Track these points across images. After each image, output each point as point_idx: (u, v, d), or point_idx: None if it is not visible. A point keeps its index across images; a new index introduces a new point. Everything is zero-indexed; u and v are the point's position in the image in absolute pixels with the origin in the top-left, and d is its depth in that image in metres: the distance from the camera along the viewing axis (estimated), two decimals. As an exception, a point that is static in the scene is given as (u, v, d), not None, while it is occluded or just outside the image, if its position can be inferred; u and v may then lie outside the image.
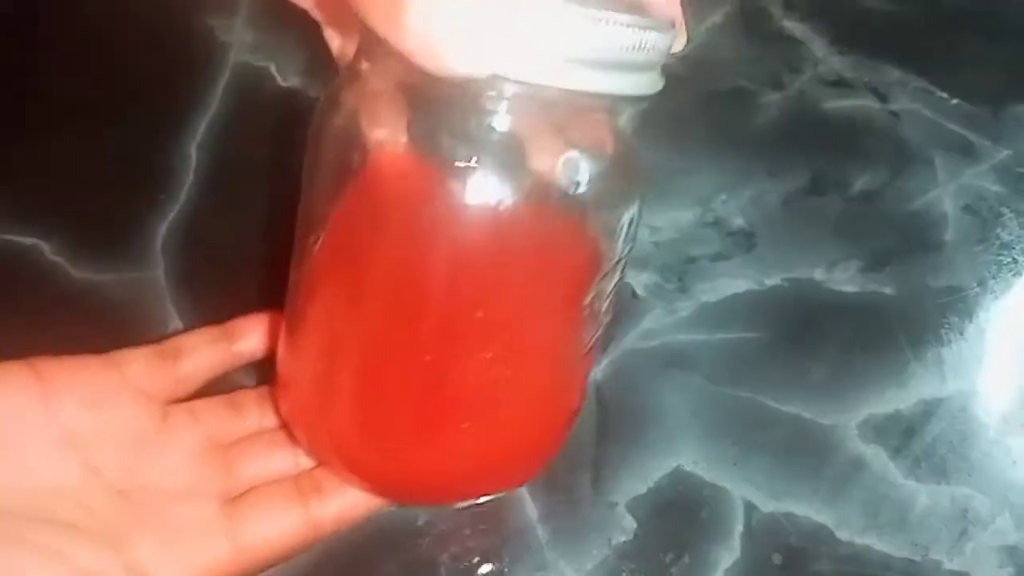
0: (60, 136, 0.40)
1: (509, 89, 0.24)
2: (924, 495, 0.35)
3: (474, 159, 0.24)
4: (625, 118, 0.27)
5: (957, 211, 0.39)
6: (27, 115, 0.41)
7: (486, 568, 0.34)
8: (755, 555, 0.35)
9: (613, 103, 0.26)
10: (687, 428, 0.36)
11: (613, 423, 0.36)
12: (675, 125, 0.40)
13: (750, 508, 0.35)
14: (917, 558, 0.35)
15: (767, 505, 0.35)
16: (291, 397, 0.30)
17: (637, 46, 0.24)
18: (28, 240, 0.39)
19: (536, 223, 0.26)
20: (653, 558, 0.35)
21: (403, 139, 0.26)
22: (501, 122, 0.24)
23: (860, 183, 0.40)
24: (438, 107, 0.25)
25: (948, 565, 0.35)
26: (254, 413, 0.33)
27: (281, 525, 0.30)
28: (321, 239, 0.28)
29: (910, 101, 0.41)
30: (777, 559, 0.35)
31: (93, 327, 0.38)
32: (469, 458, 0.29)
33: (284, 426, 0.32)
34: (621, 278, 0.29)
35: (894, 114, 0.41)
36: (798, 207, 0.39)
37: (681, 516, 0.35)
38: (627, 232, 0.28)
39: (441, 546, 0.34)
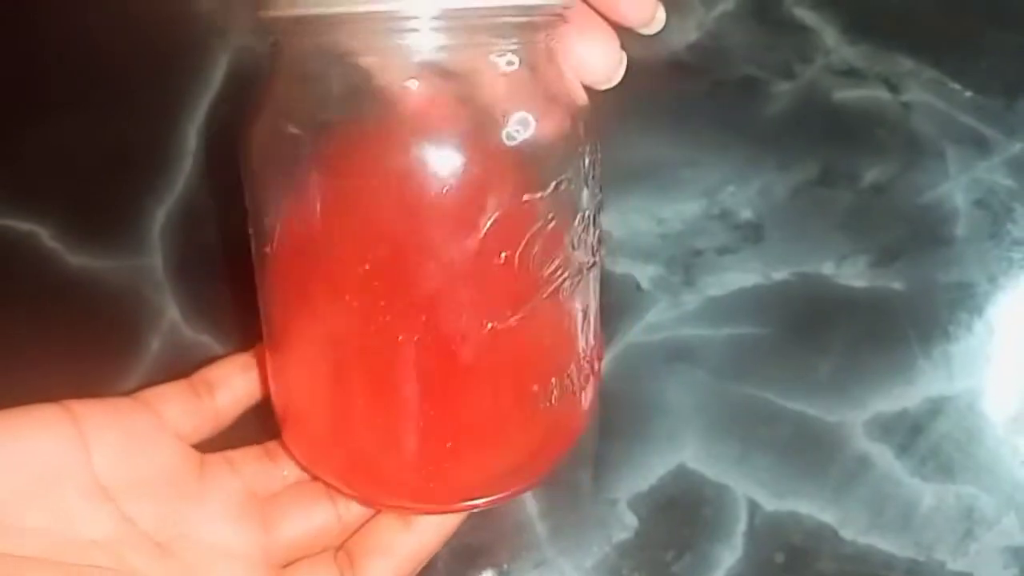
0: (58, 121, 0.40)
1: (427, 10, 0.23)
2: (929, 494, 0.35)
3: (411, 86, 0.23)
4: (547, 39, 0.25)
5: (968, 205, 0.39)
6: (24, 100, 0.40)
7: (485, 564, 0.34)
8: (757, 554, 0.34)
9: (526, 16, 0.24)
10: (690, 424, 0.35)
11: (615, 418, 0.36)
12: (682, 114, 0.39)
13: (753, 506, 0.35)
14: (921, 558, 0.34)
15: (770, 503, 0.35)
16: (298, 433, 0.29)
17: None
18: (25, 226, 0.38)
19: (474, 171, 0.24)
20: (654, 556, 0.34)
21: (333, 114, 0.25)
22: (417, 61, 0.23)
23: (870, 175, 0.39)
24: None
25: (952, 565, 0.34)
26: (291, 462, 0.32)
27: None
28: (275, 246, 0.27)
29: (922, 92, 0.40)
30: (780, 558, 0.34)
31: (90, 314, 0.38)
32: (503, 447, 0.28)
33: (301, 466, 0.31)
34: (585, 232, 0.27)
35: (905, 105, 0.40)
36: (807, 199, 0.39)
37: (683, 514, 0.35)
38: (576, 182, 0.26)
39: (440, 541, 0.34)
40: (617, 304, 0.36)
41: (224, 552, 0.29)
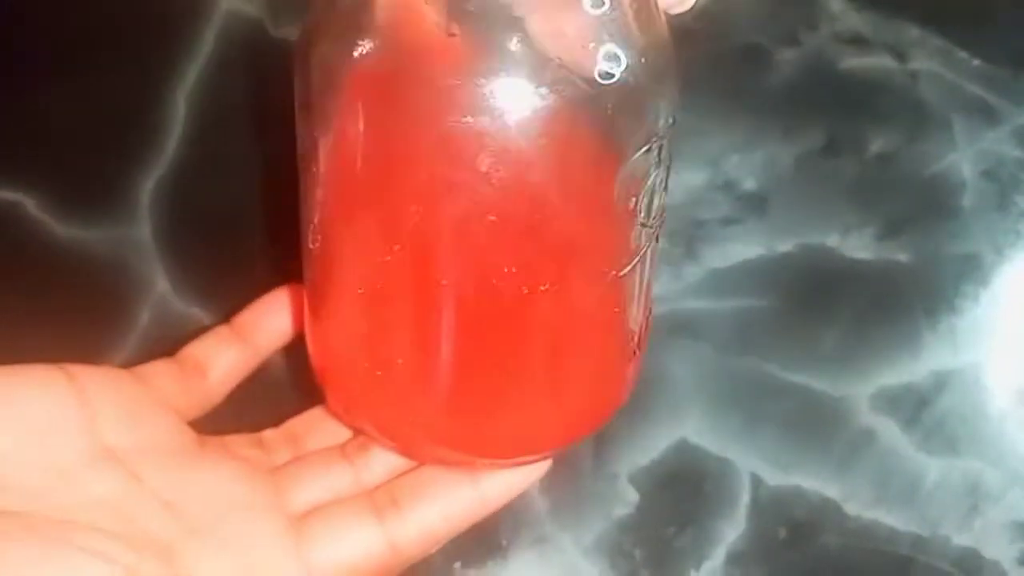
0: (44, 89, 0.39)
1: None
2: (934, 469, 0.35)
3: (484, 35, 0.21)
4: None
5: (975, 176, 0.38)
6: (9, 68, 0.39)
7: (483, 539, 0.33)
8: (760, 529, 0.34)
9: None
10: (693, 398, 0.35)
11: (616, 392, 0.35)
12: (685, 83, 0.38)
13: (756, 481, 0.34)
14: (926, 533, 0.34)
15: (774, 478, 0.34)
16: (343, 376, 0.28)
17: None
18: (12, 196, 0.37)
19: (561, 118, 0.23)
20: (655, 531, 0.34)
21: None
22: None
23: (876, 146, 0.38)
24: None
25: (957, 540, 0.34)
26: (284, 451, 0.31)
27: (357, 545, 0.27)
28: (323, 177, 0.26)
29: (929, 61, 0.39)
30: (783, 533, 0.34)
31: (79, 285, 0.37)
32: (550, 397, 0.26)
33: (338, 415, 0.30)
34: (663, 181, 0.26)
35: (912, 74, 0.39)
36: (812, 170, 0.38)
37: (685, 489, 0.34)
38: (660, 125, 0.25)
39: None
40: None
41: (239, 505, 0.27)
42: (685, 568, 0.34)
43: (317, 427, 0.31)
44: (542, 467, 0.29)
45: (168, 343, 0.35)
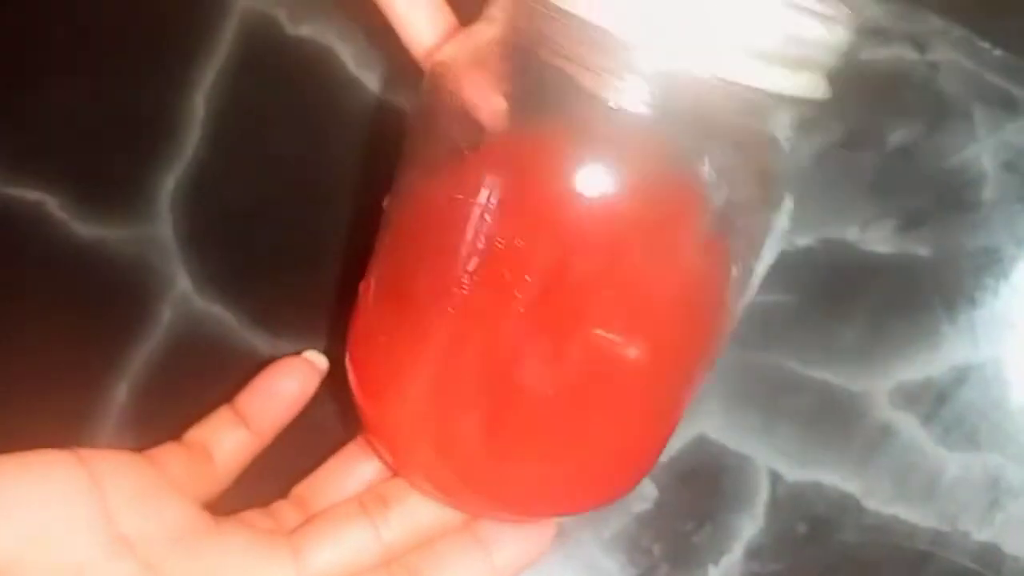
0: (63, 88, 0.39)
1: (649, 63, 0.21)
2: (954, 464, 0.35)
3: (593, 141, 0.22)
4: (779, 124, 0.24)
5: (996, 168, 0.38)
6: (29, 68, 0.39)
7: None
8: (779, 525, 0.34)
9: (765, 101, 0.23)
10: (711, 393, 0.35)
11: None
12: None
13: (775, 477, 0.34)
14: (946, 528, 0.34)
15: (793, 473, 0.34)
16: (391, 416, 0.28)
17: (799, 36, 0.21)
18: (33, 195, 0.38)
19: (660, 222, 0.23)
20: (674, 527, 0.34)
21: (515, 113, 0.23)
22: (632, 103, 0.22)
23: (896, 138, 0.38)
24: (560, 77, 0.22)
25: (977, 536, 0.34)
26: (294, 518, 0.30)
27: None
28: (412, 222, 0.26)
29: (950, 51, 0.39)
30: (802, 529, 0.34)
31: (100, 284, 0.37)
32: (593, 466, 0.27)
33: (379, 455, 0.30)
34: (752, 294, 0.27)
35: (932, 65, 0.39)
36: (831, 163, 0.38)
37: (704, 484, 0.34)
38: (766, 243, 0.25)
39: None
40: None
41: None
42: (704, 563, 0.34)
43: (325, 488, 0.31)
44: (551, 535, 0.30)
45: (189, 341, 0.36)
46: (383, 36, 0.38)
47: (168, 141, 0.38)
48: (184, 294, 0.37)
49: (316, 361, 0.33)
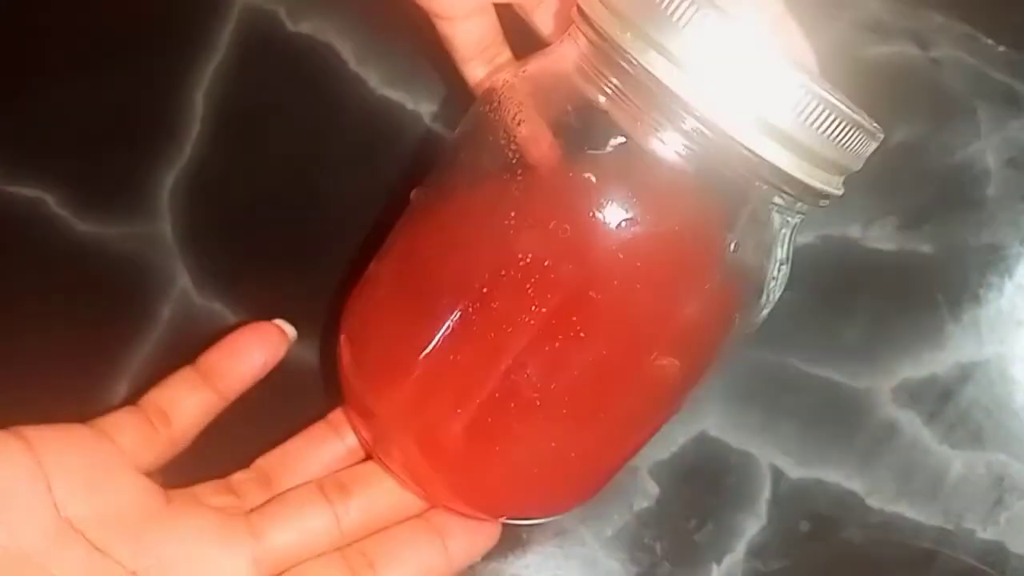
0: (62, 86, 0.39)
1: (688, 122, 0.23)
2: (958, 462, 0.34)
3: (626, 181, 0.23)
4: (792, 207, 0.26)
5: (1000, 165, 0.37)
6: (29, 65, 0.39)
7: (504, 532, 0.33)
8: (782, 523, 0.34)
9: (786, 186, 0.24)
10: (713, 391, 0.35)
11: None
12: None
13: (778, 474, 0.34)
14: (950, 527, 0.34)
15: (795, 471, 0.34)
16: (385, 390, 0.28)
17: (841, 135, 0.23)
18: (32, 192, 0.38)
19: (675, 264, 0.25)
20: (676, 525, 0.34)
21: (560, 145, 0.25)
22: (661, 145, 0.23)
23: (899, 135, 0.38)
24: (606, 118, 0.24)
25: (982, 534, 0.34)
26: (256, 493, 0.30)
27: None
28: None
29: (953, 48, 0.39)
30: (805, 527, 0.34)
31: (99, 282, 0.37)
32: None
33: (351, 418, 0.31)
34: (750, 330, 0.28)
35: (935, 62, 0.39)
36: (833, 160, 0.37)
37: (706, 482, 0.34)
38: (773, 281, 0.27)
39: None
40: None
41: (210, 569, 0.27)
42: (706, 561, 0.34)
43: (289, 465, 0.31)
44: (498, 530, 0.30)
45: (189, 338, 0.36)
46: (383, 33, 0.38)
47: (168, 138, 0.38)
48: (183, 291, 0.37)
49: (286, 329, 0.32)
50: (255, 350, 0.31)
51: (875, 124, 0.25)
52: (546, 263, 0.25)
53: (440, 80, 0.37)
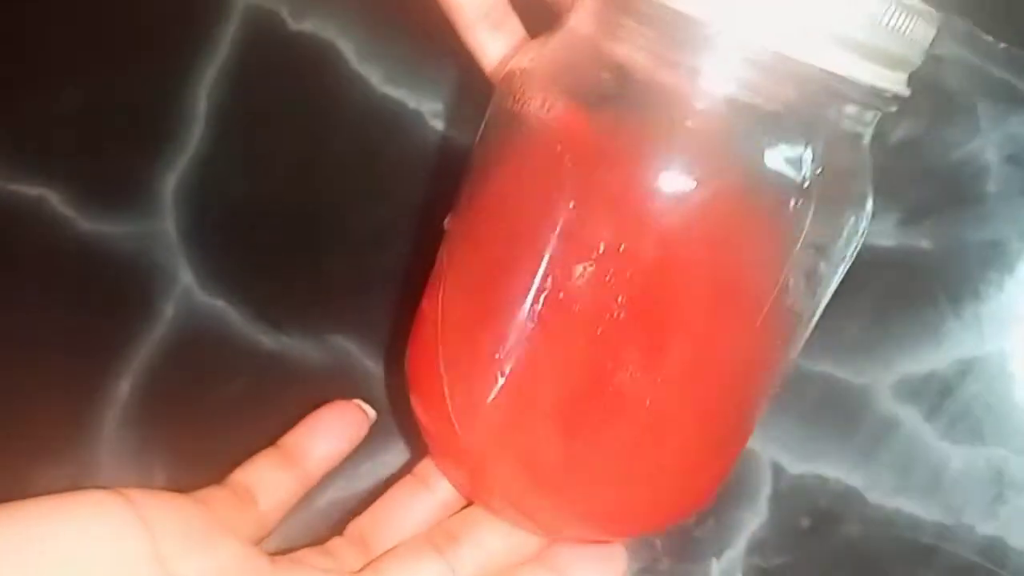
0: (65, 85, 0.39)
1: (737, 50, 0.21)
2: (958, 457, 0.34)
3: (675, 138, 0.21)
4: (862, 120, 0.24)
5: (1000, 162, 0.37)
6: (32, 64, 0.40)
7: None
8: (783, 518, 0.34)
9: (852, 93, 0.22)
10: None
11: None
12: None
13: (778, 470, 0.34)
14: (950, 521, 0.34)
15: (796, 467, 0.34)
16: (471, 426, 0.27)
17: (897, 26, 0.21)
18: (35, 191, 0.38)
19: (738, 216, 0.23)
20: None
21: (595, 117, 0.23)
22: (716, 88, 0.21)
23: (899, 131, 0.38)
24: (640, 77, 0.22)
25: (982, 529, 0.34)
26: (353, 558, 0.29)
27: None
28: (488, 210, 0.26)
29: (953, 45, 0.39)
30: (805, 522, 0.34)
31: (103, 280, 0.37)
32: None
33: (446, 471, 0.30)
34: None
35: (936, 58, 0.39)
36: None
37: (706, 478, 0.34)
38: (843, 243, 0.25)
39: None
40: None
41: None
42: (706, 557, 0.34)
43: (382, 524, 0.30)
44: (624, 555, 0.29)
45: (191, 336, 0.36)
46: (385, 31, 0.38)
47: (170, 136, 0.38)
48: (186, 289, 0.37)
49: (366, 410, 0.32)
50: (337, 430, 0.31)
51: (928, 6, 0.23)
52: (621, 247, 0.23)
53: (442, 78, 0.37)
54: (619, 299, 0.23)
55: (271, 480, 0.29)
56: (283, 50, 0.39)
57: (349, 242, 0.36)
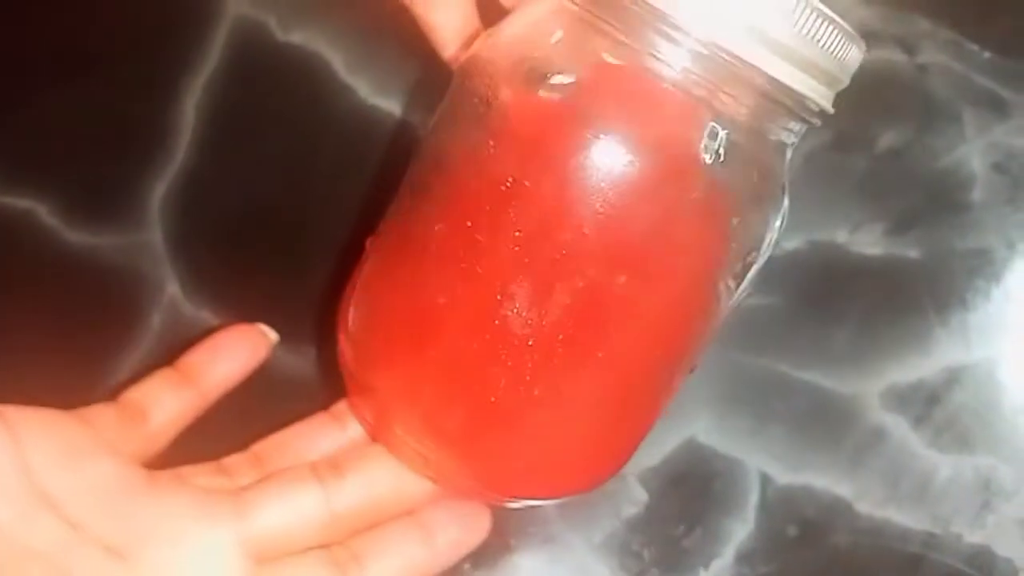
0: (53, 96, 0.39)
1: (685, 43, 0.23)
2: (946, 466, 0.34)
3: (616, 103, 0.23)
4: (786, 127, 0.25)
5: (986, 170, 0.38)
6: (19, 75, 0.40)
7: (491, 538, 0.33)
8: (770, 528, 0.34)
9: (782, 98, 0.24)
10: (701, 397, 0.35)
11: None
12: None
13: (765, 480, 0.34)
14: (938, 531, 0.34)
15: (783, 476, 0.34)
16: (389, 370, 0.27)
17: (832, 46, 0.24)
18: (23, 202, 0.38)
19: (667, 185, 0.24)
20: (664, 530, 0.34)
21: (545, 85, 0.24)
22: (663, 71, 0.23)
23: (885, 140, 0.38)
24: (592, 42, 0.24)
25: (969, 538, 0.34)
26: (249, 475, 0.29)
27: None
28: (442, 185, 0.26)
29: (938, 54, 0.39)
30: (793, 531, 0.34)
31: (90, 290, 0.37)
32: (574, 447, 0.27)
33: (359, 413, 0.30)
34: (747, 287, 0.27)
35: (921, 67, 0.39)
36: (820, 165, 0.38)
37: (694, 487, 0.34)
38: (761, 239, 0.26)
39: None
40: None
41: (192, 546, 0.26)
42: (694, 567, 0.34)
43: (285, 450, 0.30)
44: (487, 523, 0.29)
45: (178, 346, 0.36)
46: (373, 42, 0.38)
47: (158, 148, 0.38)
48: (173, 300, 0.37)
49: (267, 332, 0.32)
50: (236, 351, 0.31)
51: (859, 38, 0.25)
52: (526, 183, 0.24)
53: (431, 89, 0.37)
54: (516, 234, 0.24)
55: (164, 398, 0.29)
56: (272, 61, 0.39)
57: (336, 252, 0.36)
